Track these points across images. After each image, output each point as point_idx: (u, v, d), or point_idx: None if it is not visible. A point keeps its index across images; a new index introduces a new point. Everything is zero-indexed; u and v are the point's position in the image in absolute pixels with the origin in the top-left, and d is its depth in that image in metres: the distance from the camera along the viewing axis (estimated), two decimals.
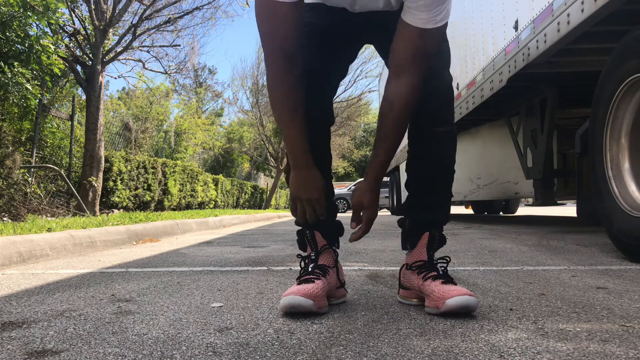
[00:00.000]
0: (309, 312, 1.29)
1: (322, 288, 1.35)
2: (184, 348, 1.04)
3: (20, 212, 5.21)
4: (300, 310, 1.27)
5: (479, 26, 4.95)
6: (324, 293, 1.35)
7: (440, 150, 1.48)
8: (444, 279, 1.36)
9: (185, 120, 17.72)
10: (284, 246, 3.47)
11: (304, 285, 1.34)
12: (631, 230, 2.29)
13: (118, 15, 7.11)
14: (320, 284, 1.36)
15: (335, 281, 1.45)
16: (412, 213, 1.53)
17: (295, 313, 1.29)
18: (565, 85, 4.42)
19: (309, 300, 1.28)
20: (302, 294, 1.28)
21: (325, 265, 1.44)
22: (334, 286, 1.44)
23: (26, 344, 1.08)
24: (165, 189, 9.86)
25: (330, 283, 1.42)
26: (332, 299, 1.44)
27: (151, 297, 1.59)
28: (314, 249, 1.46)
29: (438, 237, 1.46)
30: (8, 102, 5.39)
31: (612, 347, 1.00)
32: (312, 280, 1.36)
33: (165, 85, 14.85)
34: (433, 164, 1.48)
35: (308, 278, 1.38)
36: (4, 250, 2.46)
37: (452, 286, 1.31)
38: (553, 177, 4.74)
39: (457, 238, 3.95)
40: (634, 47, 2.31)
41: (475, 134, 6.90)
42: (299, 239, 1.53)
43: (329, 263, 1.45)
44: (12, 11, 4.97)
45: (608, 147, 2.53)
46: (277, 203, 24.40)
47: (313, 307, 1.28)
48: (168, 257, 2.80)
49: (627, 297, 1.50)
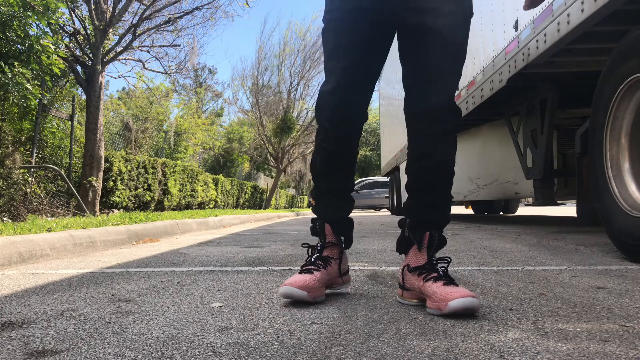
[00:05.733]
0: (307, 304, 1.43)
1: (319, 280, 1.46)
2: (184, 348, 1.04)
3: (20, 212, 5.21)
4: (295, 299, 1.42)
5: (478, 26, 4.95)
6: (321, 284, 1.47)
7: (440, 151, 1.48)
8: (445, 280, 1.36)
9: (185, 120, 17.71)
10: (284, 246, 3.47)
11: (303, 275, 1.46)
12: (631, 230, 2.29)
13: (118, 15, 7.10)
14: (319, 275, 1.47)
15: (337, 271, 1.55)
16: (412, 213, 1.54)
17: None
18: (565, 85, 4.42)
19: (304, 292, 1.40)
20: (297, 286, 1.41)
21: (328, 257, 1.54)
22: (334, 276, 1.55)
23: (26, 344, 1.08)
24: (165, 189, 9.86)
25: (331, 274, 1.53)
26: (334, 286, 1.58)
27: (151, 297, 1.59)
28: (322, 240, 1.57)
29: (438, 237, 1.45)
30: (8, 102, 5.39)
31: (612, 347, 1.00)
32: (311, 271, 1.48)
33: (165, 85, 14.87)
34: (433, 165, 1.49)
35: (309, 268, 1.49)
36: (4, 250, 2.46)
37: (454, 287, 1.31)
38: (553, 177, 4.74)
39: (457, 238, 3.95)
40: (634, 47, 2.31)
41: (475, 134, 6.90)
42: (312, 226, 1.63)
43: (333, 255, 1.56)
44: (12, 11, 4.97)
45: (608, 147, 2.53)
46: (277, 203, 24.40)
47: (307, 297, 1.41)
48: (168, 257, 2.80)
49: (627, 297, 1.50)
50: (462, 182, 7.26)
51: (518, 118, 5.27)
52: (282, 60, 21.27)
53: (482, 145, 6.80)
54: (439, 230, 1.48)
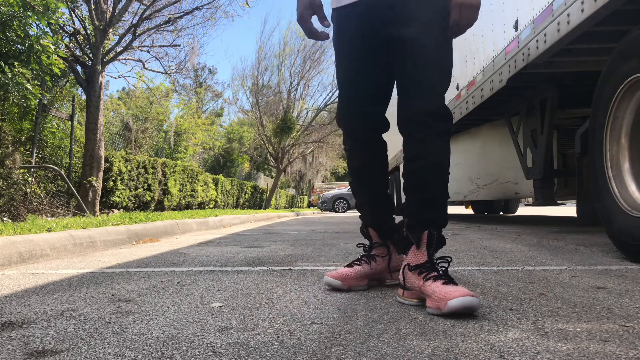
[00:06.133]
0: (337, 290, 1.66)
1: (358, 272, 1.67)
2: (184, 348, 1.04)
3: (20, 212, 5.21)
4: (331, 287, 1.67)
5: (478, 26, 4.95)
6: (360, 276, 1.67)
7: (432, 152, 1.51)
8: (444, 279, 1.36)
9: (185, 120, 17.70)
10: (284, 246, 3.47)
11: (345, 269, 1.69)
12: (631, 230, 2.29)
13: (118, 15, 7.10)
14: (360, 269, 1.67)
15: (384, 268, 1.73)
16: (409, 213, 1.55)
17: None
18: (565, 85, 4.42)
19: (337, 281, 1.64)
20: (332, 276, 1.66)
21: (375, 255, 1.73)
22: (382, 271, 1.73)
23: (26, 344, 1.08)
24: (165, 189, 9.86)
25: (376, 269, 1.71)
26: (387, 281, 1.77)
27: (151, 297, 1.59)
28: (370, 242, 1.77)
29: (437, 235, 1.47)
30: (8, 102, 5.39)
31: (612, 347, 1.00)
32: (353, 265, 1.70)
33: (165, 85, 14.85)
34: (427, 165, 1.51)
35: (353, 263, 1.72)
36: (4, 250, 2.46)
37: (454, 287, 1.31)
38: (553, 177, 4.74)
39: (457, 238, 3.95)
40: (634, 47, 2.31)
41: (475, 134, 6.90)
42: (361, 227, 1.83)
43: (380, 253, 1.74)
44: (12, 11, 4.97)
45: (608, 147, 2.53)
46: (277, 203, 24.39)
47: (341, 286, 1.64)
48: (168, 257, 2.80)
49: (627, 297, 1.50)
50: (462, 182, 7.25)
51: (518, 118, 5.27)
52: (282, 60, 21.27)
53: (482, 145, 6.80)
54: (437, 228, 1.49)
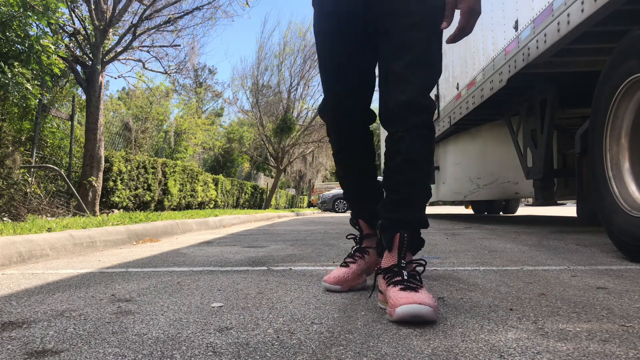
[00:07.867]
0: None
1: (354, 271, 1.65)
2: (184, 348, 1.04)
3: (20, 212, 5.21)
4: (332, 291, 1.65)
5: (478, 26, 4.95)
6: (356, 275, 1.66)
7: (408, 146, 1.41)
8: (404, 284, 1.27)
9: (185, 120, 17.70)
10: (284, 246, 3.47)
11: (339, 270, 1.67)
12: (631, 230, 2.29)
13: (118, 15, 7.10)
14: (355, 267, 1.66)
15: (377, 259, 1.67)
16: (383, 214, 1.47)
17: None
18: (565, 85, 4.42)
19: (337, 286, 1.64)
20: (331, 282, 1.65)
21: (367, 247, 1.71)
22: (376, 262, 1.67)
23: (26, 344, 1.08)
24: (165, 189, 9.86)
25: (370, 262, 1.69)
26: None
27: (151, 297, 1.59)
28: (361, 233, 1.74)
29: (407, 237, 1.37)
30: (8, 102, 5.39)
31: (612, 347, 1.00)
32: (347, 264, 1.68)
33: (165, 85, 14.86)
34: (401, 162, 1.42)
35: (346, 262, 1.69)
36: (4, 250, 2.46)
37: (407, 293, 1.23)
38: (553, 177, 4.74)
39: (457, 238, 3.95)
40: (634, 47, 2.31)
41: (475, 134, 6.90)
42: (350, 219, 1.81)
43: (371, 244, 1.71)
44: (12, 11, 4.97)
45: (608, 147, 2.53)
46: (277, 203, 24.40)
47: (341, 290, 1.63)
48: (168, 257, 2.80)
49: (627, 297, 1.50)
50: (462, 182, 7.25)
51: (518, 118, 5.27)
52: (282, 60, 21.26)
53: (482, 145, 6.80)
54: (410, 230, 1.39)
